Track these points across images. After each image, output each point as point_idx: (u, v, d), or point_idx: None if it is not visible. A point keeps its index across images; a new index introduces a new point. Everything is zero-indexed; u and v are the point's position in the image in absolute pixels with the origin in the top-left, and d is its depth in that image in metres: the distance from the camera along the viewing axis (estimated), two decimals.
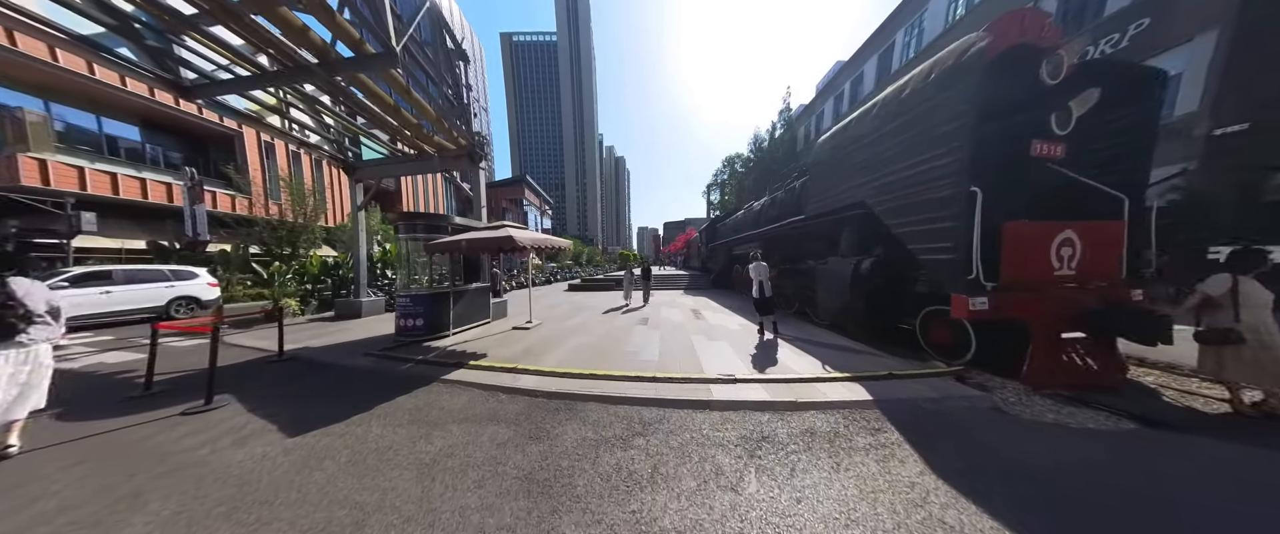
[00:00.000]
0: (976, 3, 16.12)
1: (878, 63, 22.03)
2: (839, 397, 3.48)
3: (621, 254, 44.82)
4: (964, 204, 3.83)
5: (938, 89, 4.28)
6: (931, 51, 17.62)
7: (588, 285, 16.85)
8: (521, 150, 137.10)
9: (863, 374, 4.06)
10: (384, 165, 8.78)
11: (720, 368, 4.47)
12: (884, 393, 3.50)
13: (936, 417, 3.09)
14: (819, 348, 5.39)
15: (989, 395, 3.50)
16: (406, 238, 6.49)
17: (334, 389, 3.99)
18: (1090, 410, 3.23)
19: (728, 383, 3.95)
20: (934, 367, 4.43)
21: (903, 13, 19.65)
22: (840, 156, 6.54)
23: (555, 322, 7.88)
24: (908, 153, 4.70)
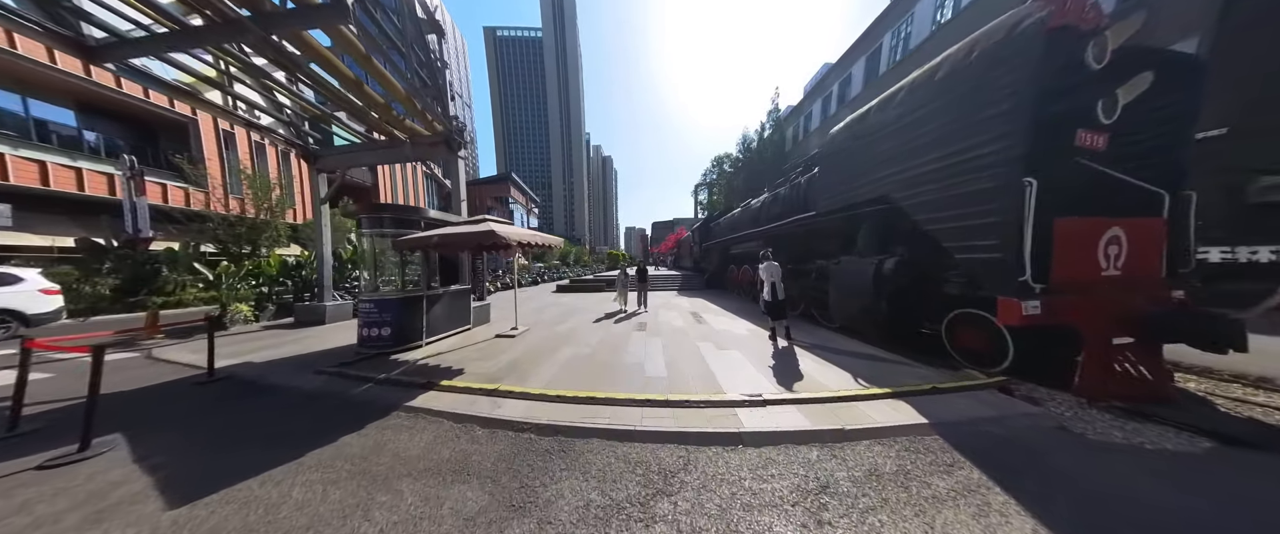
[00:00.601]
0: (964, 5, 16.08)
1: (865, 65, 22.21)
2: (888, 419, 2.96)
3: (610, 254, 44.00)
4: (1014, 197, 3.43)
5: (984, 68, 3.81)
6: (920, 54, 17.62)
7: (577, 286, 16.05)
8: (507, 148, 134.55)
9: (903, 389, 3.55)
10: (350, 153, 7.81)
11: (740, 384, 3.84)
12: (935, 412, 3.03)
13: (1006, 444, 2.64)
14: (841, 356, 4.85)
15: (1047, 411, 3.16)
16: (371, 233, 5.62)
17: (264, 423, 3.15)
18: (1154, 425, 2.93)
19: (756, 405, 3.30)
20: (971, 376, 4.01)
21: (889, 16, 19.77)
22: (858, 147, 6.02)
23: (544, 328, 7.10)
24: (944, 141, 4.24)
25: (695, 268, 18.72)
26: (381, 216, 5.60)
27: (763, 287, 8.89)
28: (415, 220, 5.79)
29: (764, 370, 4.36)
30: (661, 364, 4.58)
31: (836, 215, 6.73)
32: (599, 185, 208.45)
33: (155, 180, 13.49)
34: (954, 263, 4.43)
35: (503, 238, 4.61)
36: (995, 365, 4.20)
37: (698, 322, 7.69)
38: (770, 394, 3.51)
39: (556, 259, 37.72)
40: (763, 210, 10.19)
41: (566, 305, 10.70)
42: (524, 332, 6.62)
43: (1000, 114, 3.61)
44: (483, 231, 4.65)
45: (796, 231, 8.13)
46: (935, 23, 17.12)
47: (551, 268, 31.27)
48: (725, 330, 6.76)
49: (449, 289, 6.45)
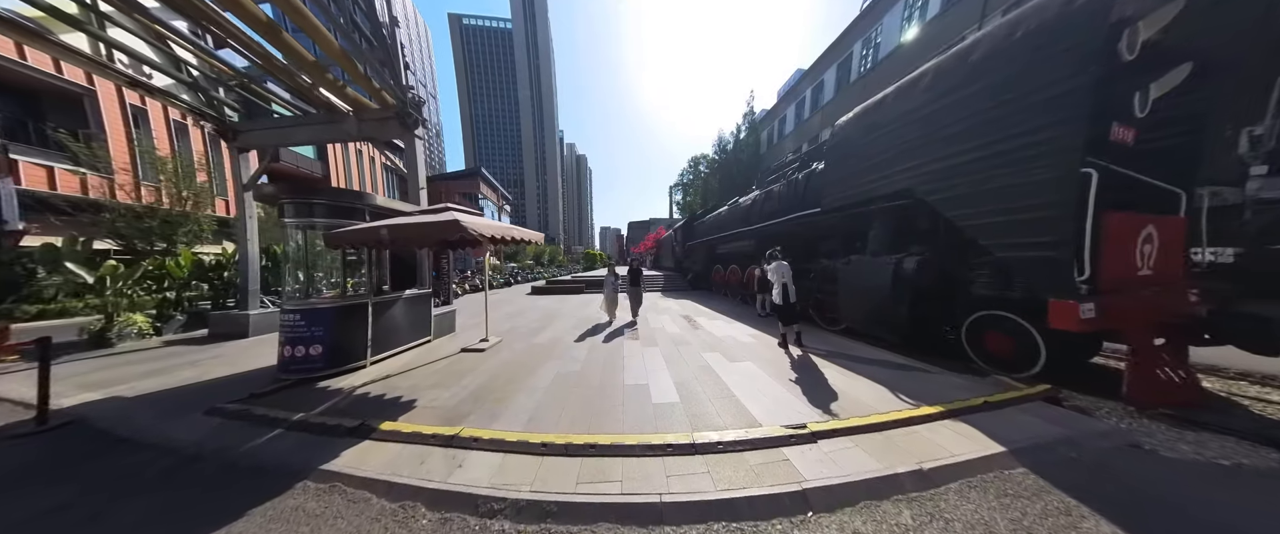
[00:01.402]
0: (930, 17, 16.61)
1: (836, 72, 22.78)
2: (962, 449, 2.45)
3: (587, 253, 42.71)
4: (1070, 189, 3.13)
5: (1033, 48, 3.39)
6: (890, 62, 17.99)
7: (554, 287, 14.93)
8: (476, 143, 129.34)
9: (955, 405, 3.07)
10: (278, 128, 6.41)
11: (771, 408, 3.13)
12: (1004, 434, 2.62)
13: (1099, 472, 2.28)
14: (863, 364, 4.36)
15: (1110, 425, 2.92)
16: (298, 224, 4.43)
17: (84, 514, 2.03)
18: (1212, 435, 2.74)
19: (804, 441, 2.59)
20: (1010, 385, 3.61)
21: (858, 26, 20.34)
22: (873, 139, 5.48)
23: (519, 338, 6.09)
24: (983, 128, 3.80)
25: (677, 268, 18.07)
26: (312, 203, 4.41)
27: (759, 288, 8.33)
28: (357, 208, 4.64)
29: (789, 387, 3.69)
30: (669, 384, 3.76)
31: (846, 212, 6.18)
32: (573, 183, 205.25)
33: (36, 162, 11.11)
34: (980, 262, 4.19)
35: (470, 231, 3.62)
36: (1021, 370, 3.93)
37: (693, 326, 6.94)
38: (814, 422, 2.81)
39: (530, 259, 36.05)
40: (754, 208, 9.61)
41: (544, 309, 9.65)
42: (496, 343, 5.59)
43: (1055, 98, 3.21)
44: (445, 223, 3.65)
45: (796, 230, 7.57)
46: (902, 33, 17.60)
47: (525, 268, 29.73)
48: (728, 337, 6.05)
49: (403, 294, 5.31)
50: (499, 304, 11.20)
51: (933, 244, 4.86)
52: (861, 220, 6.00)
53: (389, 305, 5.02)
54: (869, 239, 5.90)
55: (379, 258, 5.26)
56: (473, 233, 3.71)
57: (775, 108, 30.57)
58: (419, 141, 5.86)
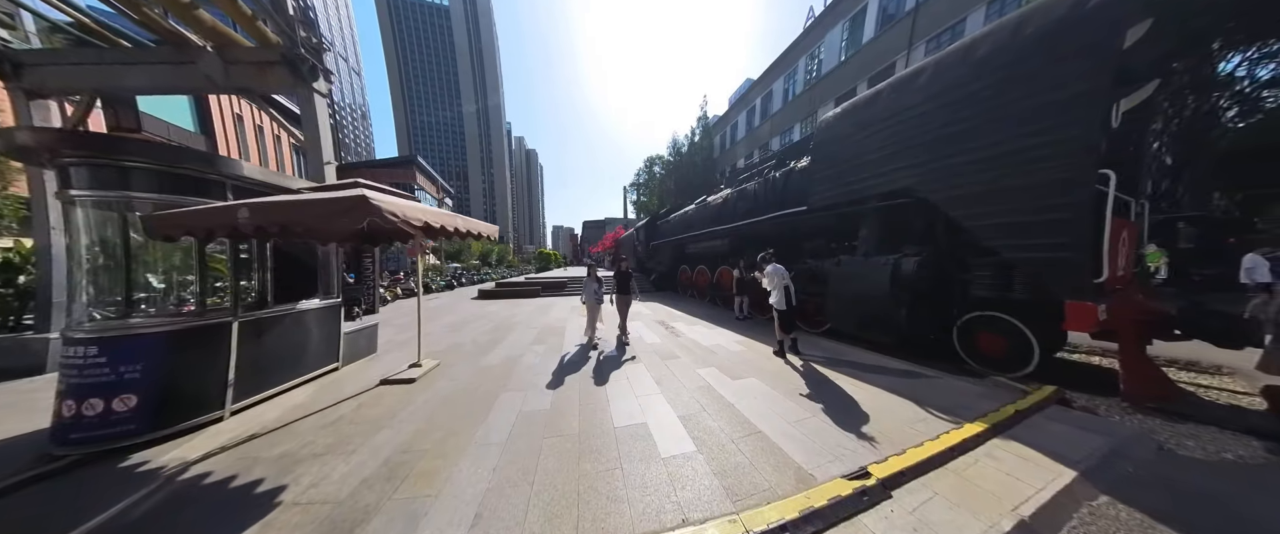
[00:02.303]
0: (864, 42, 17.93)
1: (784, 83, 23.83)
2: (1039, 481, 2.11)
3: (540, 253, 40.30)
4: (1088, 191, 3.11)
5: (1044, 46, 3.33)
6: (830, 79, 19.12)
7: (506, 290, 13.30)
8: (412, 131, 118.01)
9: (993, 419, 2.83)
10: (94, 66, 4.39)
11: (808, 445, 2.49)
12: (1060, 451, 2.41)
13: (1169, 489, 2.17)
14: (871, 373, 4.00)
15: (1129, 424, 3.00)
16: (92, 198, 2.82)
17: None
18: (1200, 426, 2.96)
19: (877, 498, 1.94)
20: (1017, 386, 3.57)
21: (802, 44, 21.65)
22: (866, 136, 5.18)
23: (464, 359, 4.80)
24: (990, 127, 3.69)
25: (640, 268, 17.26)
26: (125, 165, 2.81)
27: (738, 290, 7.70)
28: (209, 178, 3.09)
29: (813, 409, 3.08)
30: (673, 421, 2.87)
31: (836, 211, 5.78)
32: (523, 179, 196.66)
33: None
34: (979, 263, 4.17)
35: (387, 216, 2.40)
36: (1011, 370, 3.99)
37: (673, 333, 6.11)
38: (873, 464, 2.22)
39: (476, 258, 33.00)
40: (727, 207, 9.08)
41: (495, 318, 8.23)
42: (431, 369, 4.27)
43: (1071, 99, 3.15)
44: (347, 203, 2.37)
45: (777, 229, 7.11)
46: (841, 56, 18.72)
47: (470, 269, 27.05)
48: (717, 346, 5.31)
49: (297, 308, 3.81)
50: (438, 313, 9.51)
51: (927, 244, 4.71)
52: (850, 220, 5.71)
53: (269, 325, 3.51)
54: (859, 239, 5.58)
55: (260, 256, 3.71)
56: (392, 220, 2.49)
57: (727, 114, 31.44)
58: (321, 100, 4.31)
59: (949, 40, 14.19)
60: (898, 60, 16.10)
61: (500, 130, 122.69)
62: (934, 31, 14.87)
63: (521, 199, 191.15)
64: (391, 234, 4.55)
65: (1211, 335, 3.36)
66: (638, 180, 36.93)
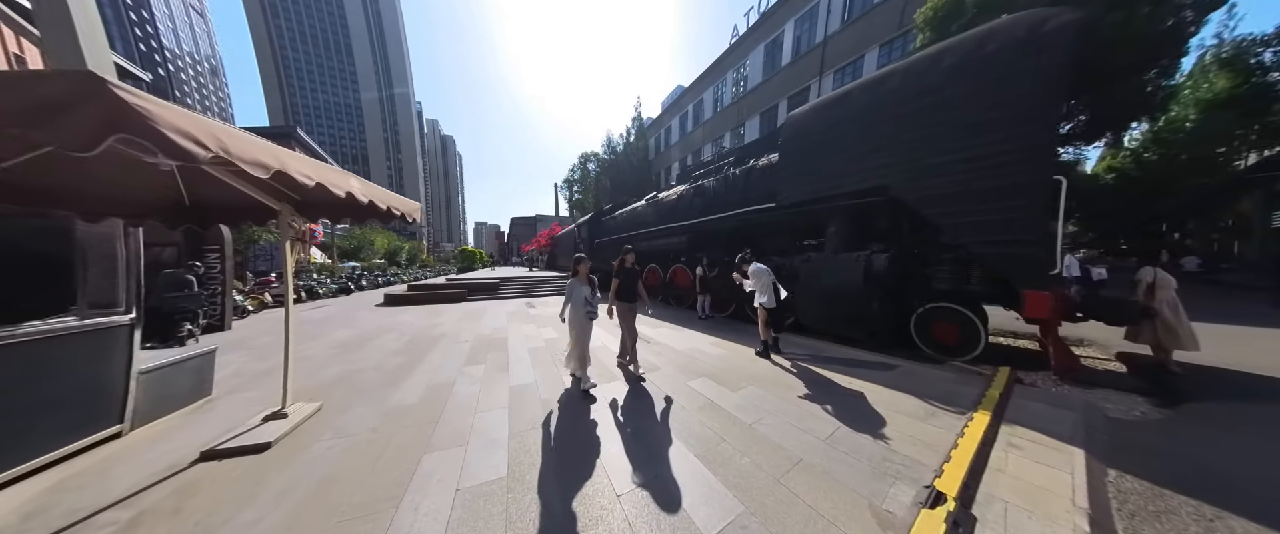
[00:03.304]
0: (783, 65, 19.51)
1: (714, 92, 24.82)
2: (1059, 464, 2.22)
3: (462, 251, 35.78)
4: (1045, 193, 3.50)
5: (1009, 62, 3.58)
6: (755, 95, 20.51)
7: (420, 294, 11.01)
8: (290, 98, 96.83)
9: (987, 406, 2.96)
10: None
11: (866, 469, 2.00)
12: (1056, 430, 2.60)
13: (1136, 451, 2.48)
14: (857, 368, 3.95)
15: (1081, 398, 3.22)
16: None
17: None
18: (1106, 391, 3.40)
19: (972, 527, 1.59)
20: (974, 370, 3.92)
21: (728, 60, 22.96)
22: (837, 134, 5.14)
23: (361, 398, 3.30)
24: (961, 133, 3.86)
25: None
26: None
27: (702, 288, 7.07)
28: None
29: (833, 421, 2.71)
30: (698, 469, 2.05)
31: (803, 208, 5.62)
32: (438, 167, 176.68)
33: None
34: (942, 258, 4.42)
35: (152, 128, 1.12)
36: (960, 355, 4.26)
37: (641, 339, 5.28)
38: (925, 475, 2.03)
39: (380, 257, 27.86)
40: (682, 203, 8.58)
41: (408, 331, 6.44)
42: (303, 421, 2.77)
43: (1030, 111, 3.43)
44: (51, 86, 1.03)
45: (740, 227, 6.79)
46: (765, 73, 20.13)
47: (374, 270, 22.65)
48: (694, 349, 4.72)
49: (19, 332, 2.04)
50: (326, 326, 7.25)
51: (892, 241, 4.86)
52: (816, 217, 5.63)
53: None
54: (828, 236, 5.47)
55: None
56: (188, 149, 1.20)
57: (661, 118, 31.80)
58: None
59: (852, 74, 15.87)
60: (811, 84, 17.60)
61: (409, 112, 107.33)
62: (840, 64, 16.46)
63: (437, 190, 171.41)
64: (241, 210, 2.92)
65: (1104, 316, 3.97)
66: (572, 177, 35.36)
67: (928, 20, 10.43)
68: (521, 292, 12.36)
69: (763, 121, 20.50)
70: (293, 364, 2.87)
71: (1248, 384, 3.66)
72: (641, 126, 31.87)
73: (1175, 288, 3.98)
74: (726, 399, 3.10)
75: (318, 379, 3.77)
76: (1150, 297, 4.01)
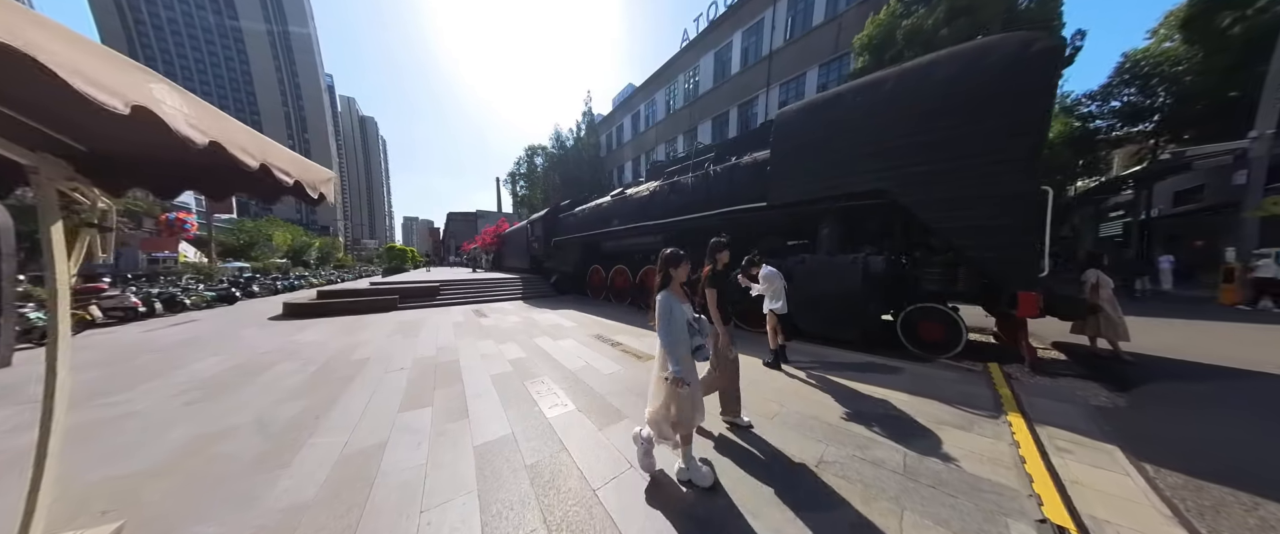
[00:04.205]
0: (733, 74, 19.36)
1: (665, 95, 24.67)
2: (1111, 466, 2.17)
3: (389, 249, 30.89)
4: (1034, 201, 3.65)
5: (1000, 79, 3.62)
6: (707, 98, 20.73)
7: (335, 303, 8.77)
8: (143, 48, 76.13)
9: (1010, 404, 3.00)
10: None
11: (950, 503, 1.63)
12: (1076, 424, 2.67)
13: (1148, 440, 2.49)
14: (864, 373, 3.74)
15: (1067, 391, 3.37)
16: None
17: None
18: (1068, 380, 3.66)
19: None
20: (961, 367, 3.98)
21: (679, 63, 22.85)
22: (832, 136, 4.87)
23: (209, 504, 1.92)
24: (955, 142, 3.85)
25: (536, 268, 14.50)
26: None
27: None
28: None
29: (893, 446, 2.17)
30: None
31: (796, 208, 5.28)
32: (356, 153, 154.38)
33: None
34: (931, 261, 4.50)
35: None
36: (943, 353, 4.31)
37: (636, 358, 4.39)
38: (1023, 502, 1.82)
39: (282, 256, 22.78)
40: (655, 201, 7.83)
41: (313, 357, 4.75)
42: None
43: (1020, 125, 3.54)
44: None
45: (725, 226, 6.26)
46: (717, 79, 20.46)
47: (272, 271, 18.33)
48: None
49: None
50: (182, 354, 5.17)
51: (884, 243, 4.87)
52: (806, 218, 5.34)
53: None
54: (821, 238, 5.21)
55: None
56: None
57: (612, 115, 30.87)
58: None
59: (796, 89, 16.57)
60: (760, 95, 18.10)
61: (316, 84, 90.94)
62: (785, 78, 17.08)
63: (356, 178, 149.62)
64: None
65: (1059, 312, 4.25)
66: (517, 170, 32.77)
67: (864, 45, 11.06)
68: (467, 296, 10.62)
69: (714, 127, 20.64)
70: (106, 427, 1.53)
71: (1162, 366, 4.09)
72: (592, 122, 30.65)
73: (1113, 287, 4.40)
74: (774, 433, 2.43)
75: (136, 462, 2.27)
76: (1095, 295, 4.37)
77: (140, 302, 8.34)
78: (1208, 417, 2.87)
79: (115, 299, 8.01)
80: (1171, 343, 4.93)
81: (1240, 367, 3.96)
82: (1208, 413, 2.93)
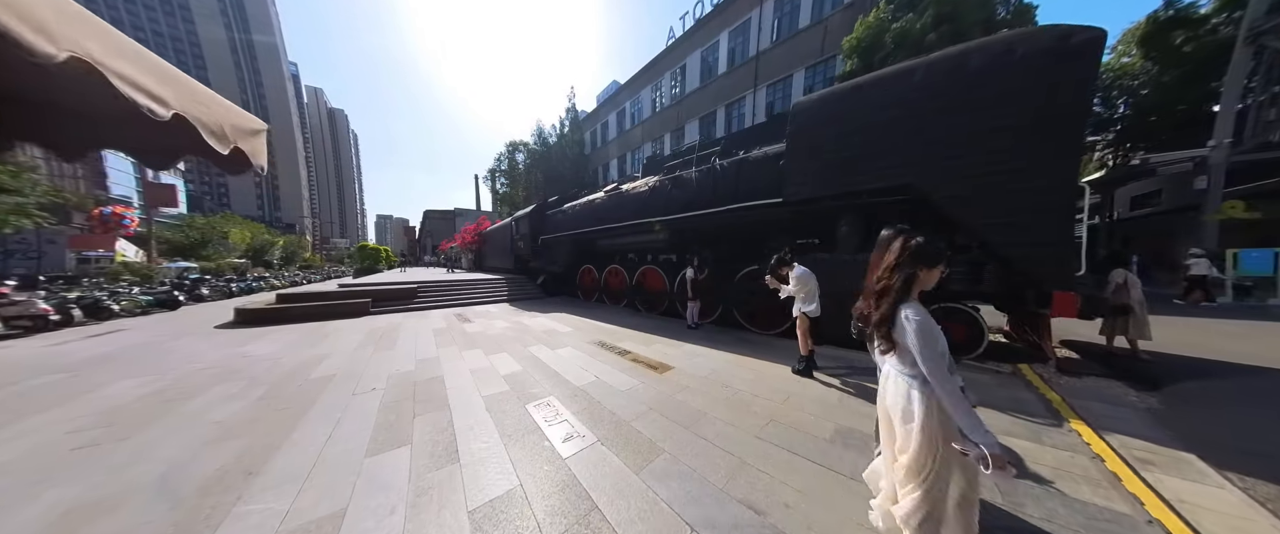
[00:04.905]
0: (720, 73, 18.97)
1: (651, 92, 24.16)
2: (1202, 478, 1.97)
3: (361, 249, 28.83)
4: (1071, 198, 3.41)
5: (1034, 72, 3.40)
6: (692, 98, 20.41)
7: (296, 308, 7.72)
8: None
9: (1066, 412, 2.79)
10: None
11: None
12: (1142, 431, 2.46)
13: (1212, 445, 2.29)
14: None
15: (1109, 392, 3.25)
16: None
17: None
18: (1105, 381, 3.51)
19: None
20: (993, 369, 3.88)
21: (665, 61, 22.41)
22: (857, 127, 4.54)
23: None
24: (990, 137, 3.61)
25: (521, 268, 13.65)
26: None
27: (694, 293, 6.10)
28: None
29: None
30: None
31: (815, 205, 4.92)
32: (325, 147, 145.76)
33: None
34: (956, 260, 4.19)
35: None
36: (968, 354, 4.14)
37: (652, 369, 3.84)
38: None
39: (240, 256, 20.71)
40: (656, 197, 7.29)
41: (264, 378, 3.90)
42: None
43: (1058, 119, 3.34)
44: None
45: (736, 223, 5.86)
46: (703, 79, 20.17)
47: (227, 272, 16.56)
48: (714, 374, 3.46)
49: None
50: (96, 372, 4.21)
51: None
52: (821, 215, 4.99)
53: None
54: (840, 236, 4.86)
55: None
56: None
57: (597, 112, 30.07)
58: None
59: (783, 90, 16.48)
60: (747, 95, 17.93)
61: (279, 71, 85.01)
62: (772, 79, 16.95)
63: (324, 174, 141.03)
64: None
65: (1094, 314, 4.06)
66: (498, 167, 31.36)
67: (853, 48, 10.98)
68: (448, 299, 9.73)
69: (702, 126, 20.32)
70: None
71: (1179, 365, 4.01)
72: (576, 118, 29.75)
73: (1141, 287, 4.29)
74: (838, 458, 2.03)
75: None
76: (1124, 295, 4.23)
77: (52, 308, 7.02)
78: (1250, 416, 2.76)
79: (18, 306, 6.68)
80: (1172, 340, 4.88)
81: (1249, 363, 3.96)
82: (1249, 412, 2.83)
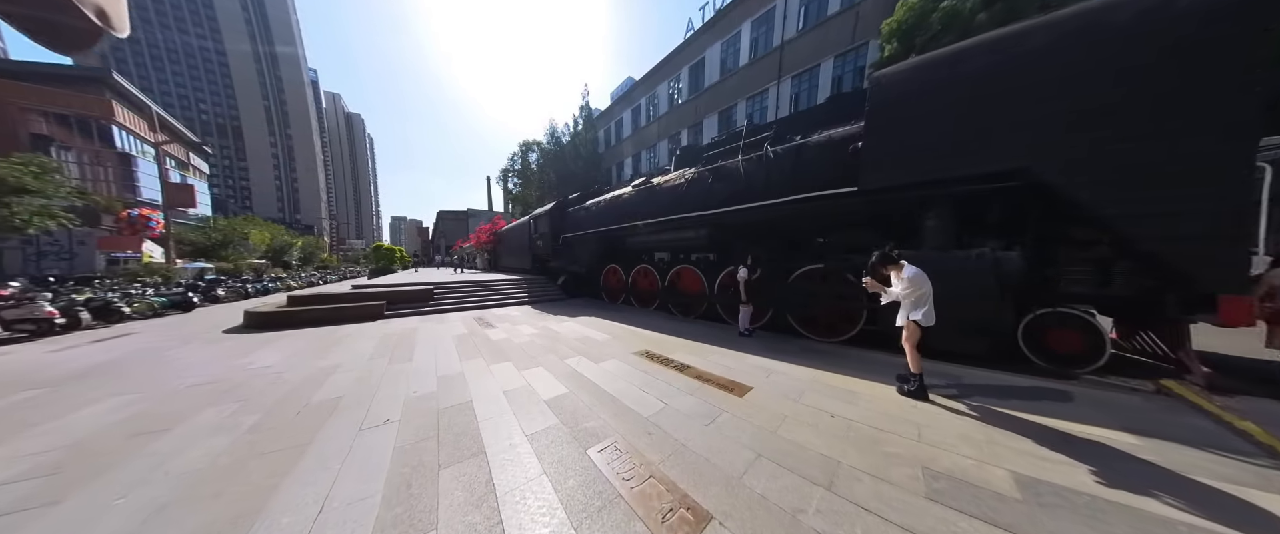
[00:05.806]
0: (740, 65, 18.07)
1: (669, 87, 23.22)
2: None
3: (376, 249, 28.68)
4: (1249, 180, 2.67)
5: (1204, 22, 2.65)
6: (720, 91, 19.47)
7: (308, 311, 7.17)
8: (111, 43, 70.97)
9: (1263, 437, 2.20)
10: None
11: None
12: None
13: None
14: (1027, 401, 2.87)
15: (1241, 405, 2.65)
16: None
17: None
18: (1267, 402, 2.81)
19: None
20: (1119, 385, 3.24)
21: (684, 53, 21.40)
22: (955, 102, 3.73)
23: None
24: (1144, 105, 2.87)
25: (539, 268, 13.03)
26: None
27: (748, 297, 5.32)
28: None
29: None
30: None
31: (906, 194, 4.10)
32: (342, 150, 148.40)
33: None
34: (1078, 257, 3.50)
35: None
36: (1086, 367, 3.54)
37: (723, 389, 3.10)
38: None
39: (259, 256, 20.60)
40: (693, 190, 6.54)
41: (261, 399, 3.27)
42: None
43: (1233, 83, 2.63)
44: None
45: (790, 217, 5.07)
46: (722, 72, 19.23)
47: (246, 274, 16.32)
48: (799, 392, 2.66)
49: None
50: (80, 385, 3.60)
51: (1012, 236, 3.72)
52: (901, 207, 4.21)
53: None
54: (928, 230, 4.04)
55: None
56: None
57: (611, 110, 29.31)
58: None
59: (809, 80, 15.55)
60: (770, 87, 17.02)
61: (300, 80, 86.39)
62: (798, 70, 15.99)
63: (342, 177, 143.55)
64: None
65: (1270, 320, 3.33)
66: (511, 167, 30.91)
67: (892, 32, 10.08)
68: (466, 301, 9.13)
69: (721, 120, 19.47)
70: None
71: None
72: (590, 116, 29.10)
73: None
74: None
75: None
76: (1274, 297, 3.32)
77: (58, 311, 6.58)
78: None
79: (21, 309, 6.25)
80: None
81: None
82: None
